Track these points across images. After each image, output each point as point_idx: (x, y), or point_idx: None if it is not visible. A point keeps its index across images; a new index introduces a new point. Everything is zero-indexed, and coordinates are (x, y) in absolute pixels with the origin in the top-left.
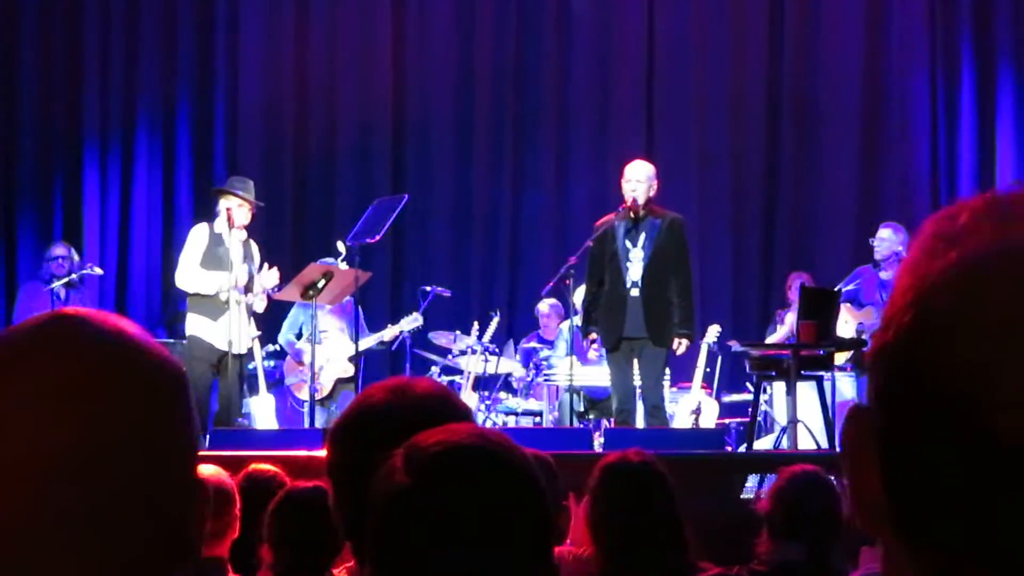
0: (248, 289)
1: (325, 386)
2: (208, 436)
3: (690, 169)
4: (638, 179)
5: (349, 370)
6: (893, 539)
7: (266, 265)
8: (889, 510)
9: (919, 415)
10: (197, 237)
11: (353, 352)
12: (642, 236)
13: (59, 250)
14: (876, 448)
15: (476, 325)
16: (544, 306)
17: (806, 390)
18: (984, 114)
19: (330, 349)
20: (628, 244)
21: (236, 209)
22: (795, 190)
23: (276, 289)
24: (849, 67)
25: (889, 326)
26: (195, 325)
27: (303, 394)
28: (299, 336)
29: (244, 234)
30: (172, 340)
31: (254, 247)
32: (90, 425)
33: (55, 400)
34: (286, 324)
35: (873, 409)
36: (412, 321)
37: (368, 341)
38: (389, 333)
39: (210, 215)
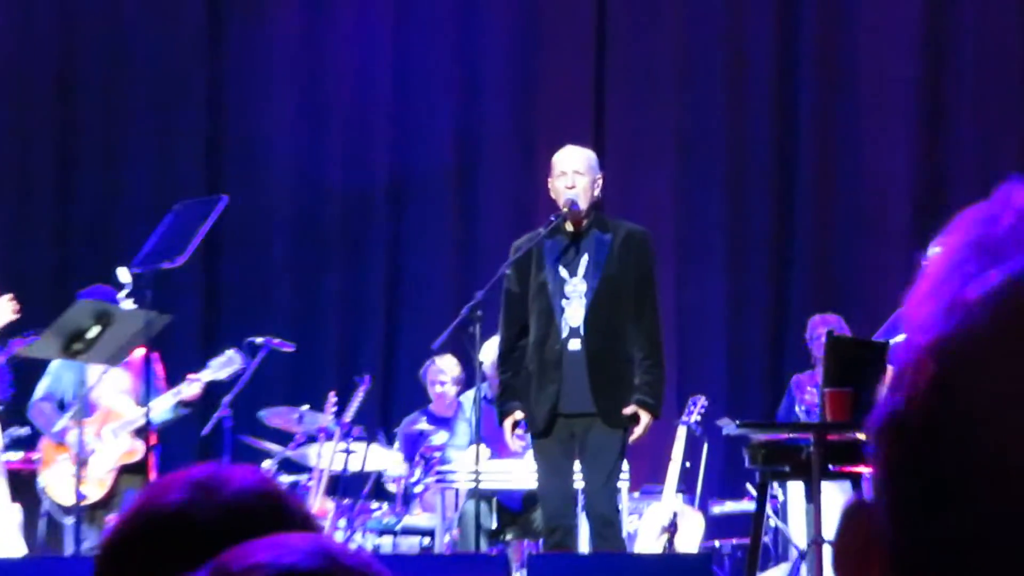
0: None
1: (102, 481)
2: None
3: (660, 160)
4: (576, 169)
5: (137, 452)
6: None
7: None
8: None
9: (953, 499)
10: None
11: (143, 425)
12: (584, 259)
13: None
14: (884, 552)
15: (333, 397)
16: (438, 368)
17: (835, 494)
18: None
19: (110, 423)
20: (563, 272)
21: None
22: (819, 192)
23: (25, 337)
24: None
25: (904, 382)
26: None
27: (66, 498)
28: (62, 407)
29: None
30: None
31: None
32: None
33: None
34: (41, 387)
35: (880, 501)
36: (225, 364)
37: (162, 404)
38: (191, 389)
39: None
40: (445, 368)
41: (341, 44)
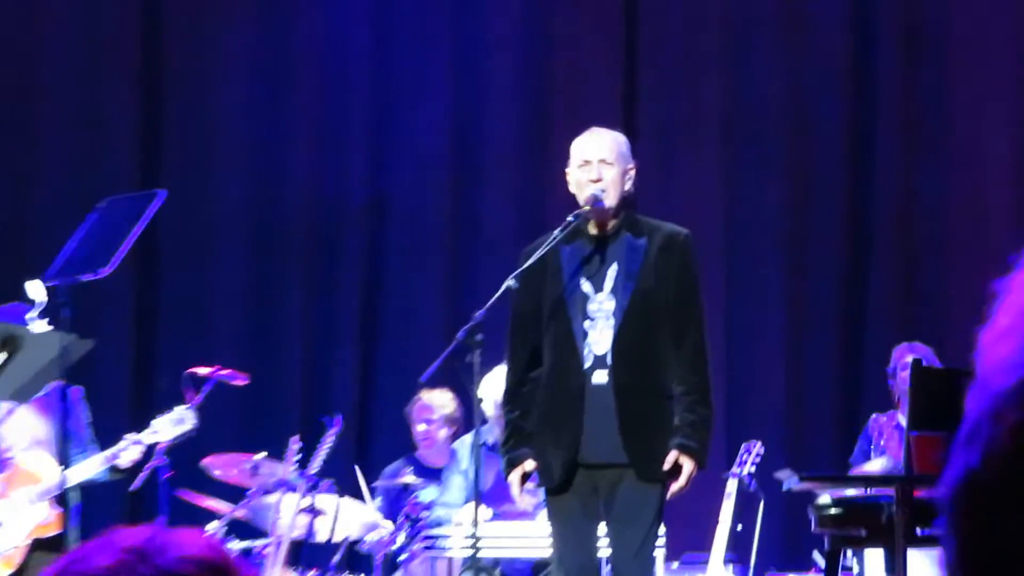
0: None
1: (9, 559)
2: None
3: (705, 146)
4: (602, 158)
5: (55, 524)
6: None
7: None
8: None
9: None
10: None
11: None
12: (612, 270)
13: None
14: None
15: (296, 443)
16: (426, 404)
17: (924, 565)
18: None
19: (23, 486)
20: (586, 286)
21: None
22: (903, 186)
23: None
24: None
25: (980, 434)
26: None
27: None
28: None
29: None
30: None
31: None
32: None
33: None
34: None
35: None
36: (176, 423)
37: (89, 468)
38: (129, 453)
39: None
40: (436, 404)
41: (309, 10)
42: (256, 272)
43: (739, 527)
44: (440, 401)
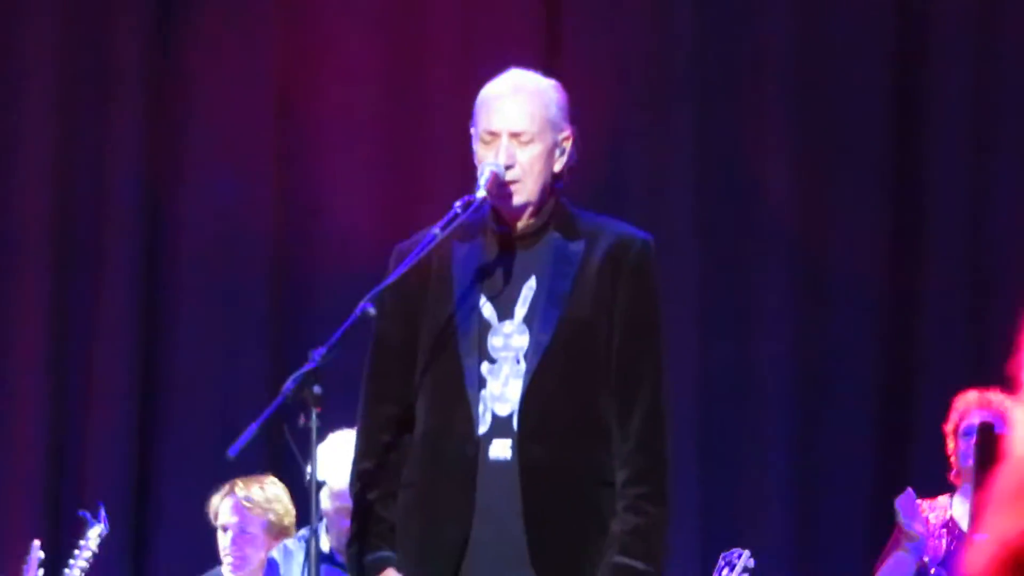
0: None
1: None
2: None
3: (665, 121)
4: (515, 129)
5: None
6: None
7: None
8: None
9: None
10: None
11: None
12: (529, 287)
13: None
14: None
15: (37, 550)
16: (246, 499)
17: None
18: None
19: None
20: (487, 308)
21: None
22: (976, 175)
23: None
24: None
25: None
26: None
27: None
28: None
29: None
30: None
31: None
32: None
33: None
34: None
35: None
36: None
37: None
38: None
39: None
40: (257, 500)
41: None
42: None
43: None
44: (264, 497)
